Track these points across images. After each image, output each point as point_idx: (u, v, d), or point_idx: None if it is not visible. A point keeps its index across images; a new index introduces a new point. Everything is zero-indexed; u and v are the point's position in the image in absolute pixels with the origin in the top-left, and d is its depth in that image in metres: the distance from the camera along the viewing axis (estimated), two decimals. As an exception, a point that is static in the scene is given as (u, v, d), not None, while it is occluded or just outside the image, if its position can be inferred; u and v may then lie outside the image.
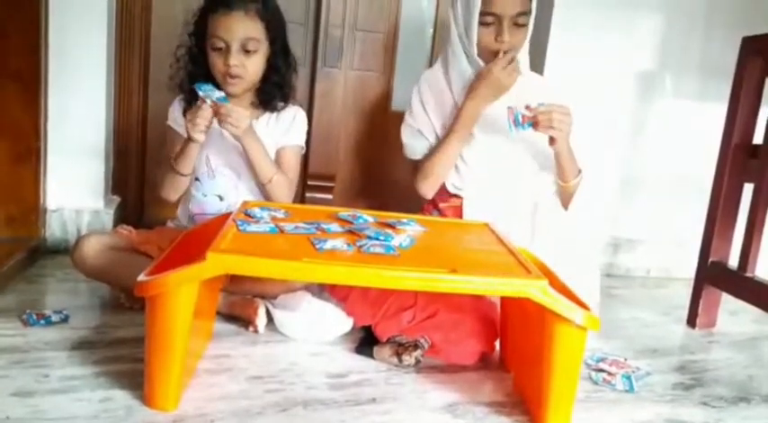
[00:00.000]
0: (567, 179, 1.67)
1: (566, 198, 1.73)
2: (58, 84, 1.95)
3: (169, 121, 1.73)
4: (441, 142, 1.71)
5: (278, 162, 1.71)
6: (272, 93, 1.70)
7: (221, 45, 1.60)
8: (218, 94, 1.53)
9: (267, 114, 1.73)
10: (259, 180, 1.66)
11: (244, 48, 1.60)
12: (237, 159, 1.67)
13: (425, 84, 1.78)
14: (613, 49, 2.32)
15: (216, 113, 1.52)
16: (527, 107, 1.53)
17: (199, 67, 1.66)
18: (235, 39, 1.59)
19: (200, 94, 1.52)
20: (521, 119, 1.53)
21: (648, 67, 2.40)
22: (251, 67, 1.63)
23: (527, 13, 1.61)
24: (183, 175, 1.63)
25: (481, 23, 1.60)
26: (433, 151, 1.73)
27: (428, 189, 1.76)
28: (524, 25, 1.63)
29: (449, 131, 1.69)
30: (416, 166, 1.78)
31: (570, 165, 1.65)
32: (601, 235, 2.34)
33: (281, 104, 1.73)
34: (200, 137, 1.53)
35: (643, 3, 2.33)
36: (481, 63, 1.65)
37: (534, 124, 1.53)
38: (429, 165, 1.73)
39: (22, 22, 1.84)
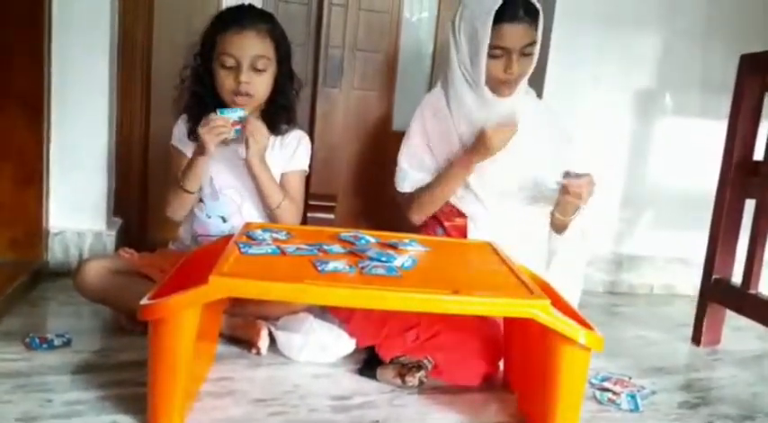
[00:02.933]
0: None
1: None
2: (60, 107, 1.96)
3: (173, 141, 1.73)
4: (439, 177, 1.72)
5: (283, 187, 1.70)
6: (277, 115, 1.70)
7: (232, 63, 1.60)
8: (240, 112, 1.56)
9: (272, 138, 1.72)
10: (267, 206, 1.67)
11: (254, 66, 1.61)
12: (242, 181, 1.67)
13: (428, 109, 1.77)
14: (613, 67, 2.34)
15: (243, 128, 1.55)
16: (565, 173, 1.57)
17: (204, 87, 1.66)
18: (246, 56, 1.59)
19: (221, 116, 1.54)
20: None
21: (649, 84, 2.41)
22: (260, 86, 1.64)
23: (534, 43, 1.63)
24: (189, 192, 1.63)
25: (490, 56, 1.61)
26: (430, 184, 1.73)
27: (420, 218, 1.77)
28: (531, 54, 1.64)
29: (448, 170, 1.70)
30: (407, 195, 1.78)
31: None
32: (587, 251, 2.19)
33: (285, 127, 1.73)
34: (213, 148, 1.53)
35: (642, 21, 2.35)
36: (488, 95, 1.66)
37: (564, 189, 1.57)
38: (424, 197, 1.73)
39: (26, 46, 1.86)
